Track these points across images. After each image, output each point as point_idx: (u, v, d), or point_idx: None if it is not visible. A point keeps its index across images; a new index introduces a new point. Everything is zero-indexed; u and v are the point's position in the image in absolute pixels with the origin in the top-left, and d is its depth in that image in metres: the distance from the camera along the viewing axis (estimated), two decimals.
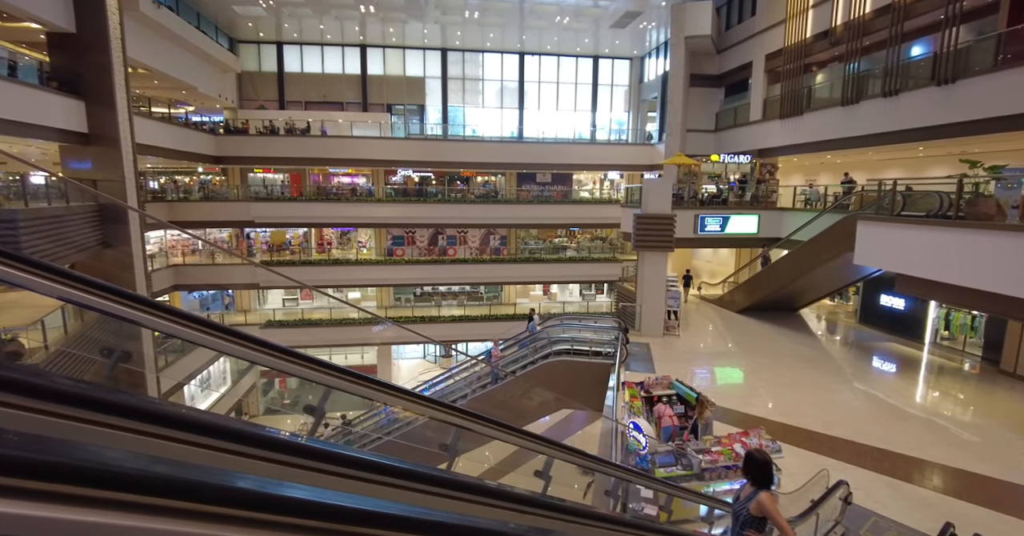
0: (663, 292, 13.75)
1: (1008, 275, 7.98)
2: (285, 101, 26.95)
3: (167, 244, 24.04)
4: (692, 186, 17.76)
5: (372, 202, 24.53)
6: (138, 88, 20.31)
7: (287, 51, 26.53)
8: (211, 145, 23.06)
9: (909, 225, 9.99)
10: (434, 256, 26.18)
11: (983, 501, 7.19)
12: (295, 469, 0.82)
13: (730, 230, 17.25)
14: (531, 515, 1.22)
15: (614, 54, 28.36)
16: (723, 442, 6.40)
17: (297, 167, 26.04)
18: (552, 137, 28.08)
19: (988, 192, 8.80)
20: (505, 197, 26.67)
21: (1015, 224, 8.09)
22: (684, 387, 7.58)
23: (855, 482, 7.46)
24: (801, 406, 10.01)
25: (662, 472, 5.98)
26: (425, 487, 0.96)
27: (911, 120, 13.18)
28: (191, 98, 23.46)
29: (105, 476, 0.54)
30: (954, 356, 13.31)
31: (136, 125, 16.30)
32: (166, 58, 19.19)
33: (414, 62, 27.43)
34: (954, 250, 8.95)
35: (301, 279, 23.03)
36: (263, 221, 23.55)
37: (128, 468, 0.57)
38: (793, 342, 14.22)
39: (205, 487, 0.59)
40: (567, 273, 26.17)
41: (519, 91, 28.35)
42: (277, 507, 0.63)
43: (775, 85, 18.67)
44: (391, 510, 0.76)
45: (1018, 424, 9.56)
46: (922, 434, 9.15)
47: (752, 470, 3.86)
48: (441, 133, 27.63)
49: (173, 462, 0.69)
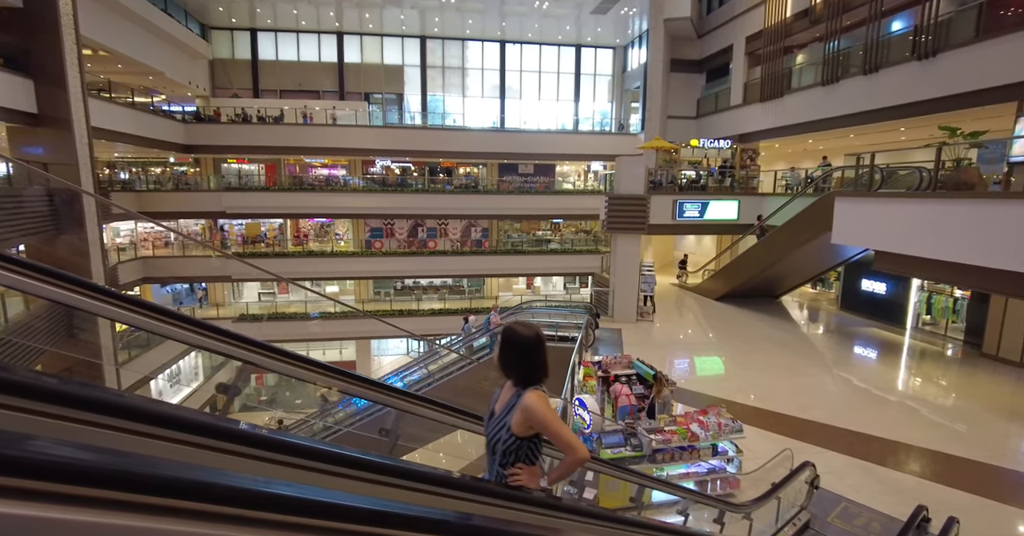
0: (636, 276, 13.24)
1: (990, 247, 7.53)
2: (260, 90, 26.24)
3: (139, 236, 23.32)
4: (671, 171, 17.27)
5: (349, 192, 23.88)
6: (100, 71, 19.60)
7: (261, 38, 25.82)
8: (180, 133, 22.35)
9: (887, 199, 9.55)
10: (414, 248, 25.58)
11: (964, 485, 6.72)
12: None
13: (709, 216, 16.77)
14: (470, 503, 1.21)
15: (597, 43, 27.86)
16: (678, 421, 5.88)
17: (271, 157, 25.34)
18: (534, 127, 27.53)
19: (968, 160, 8.35)
20: (486, 187, 26.10)
21: (997, 192, 7.64)
22: (644, 366, 7.07)
23: (828, 466, 6.98)
24: (774, 390, 9.53)
25: (609, 453, 5.45)
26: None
27: (892, 97, 12.77)
28: (160, 85, 22.71)
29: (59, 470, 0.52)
30: (936, 340, 12.90)
31: (95, 109, 15.60)
32: (128, 40, 18.47)
33: (392, 50, 26.80)
34: (933, 223, 8.49)
35: (276, 271, 22.32)
36: (235, 211, 22.86)
37: (78, 461, 0.55)
38: (770, 327, 13.77)
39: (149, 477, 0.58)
40: (550, 265, 25.63)
41: (500, 80, 27.80)
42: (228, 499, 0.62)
43: (756, 68, 18.24)
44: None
45: (1000, 406, 9.13)
46: (900, 417, 8.70)
47: (512, 359, 2.13)
48: (420, 122, 27.02)
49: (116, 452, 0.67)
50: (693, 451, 5.67)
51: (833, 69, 14.50)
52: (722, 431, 5.79)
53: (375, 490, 1.02)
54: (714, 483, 5.88)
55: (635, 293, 13.38)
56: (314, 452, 0.96)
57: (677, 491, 4.01)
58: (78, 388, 0.72)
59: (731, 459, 6.00)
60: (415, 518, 0.94)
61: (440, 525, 1.04)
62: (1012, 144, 9.59)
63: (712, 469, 5.86)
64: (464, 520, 1.30)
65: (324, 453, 0.97)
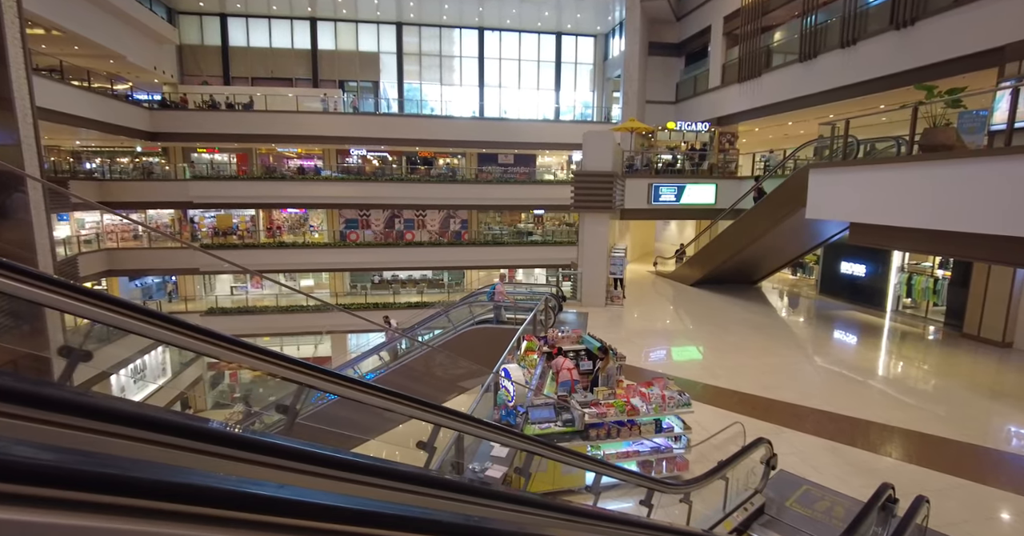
0: (605, 258, 12.61)
1: (971, 211, 6.98)
2: (230, 77, 25.44)
3: (105, 229, 22.49)
4: (646, 155, 16.70)
5: (322, 181, 23.15)
6: (57, 53, 18.78)
7: (232, 23, 25.04)
8: (144, 119, 21.53)
9: (861, 167, 8.99)
10: (391, 240, 24.86)
11: (941, 465, 6.15)
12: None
13: (686, 200, 16.22)
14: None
15: (578, 30, 27.28)
16: (618, 394, 5.24)
17: (243, 146, 24.57)
18: (515, 116, 26.89)
19: (947, 120, 7.78)
20: (465, 177, 25.42)
21: (978, 150, 7.10)
22: (593, 340, 6.44)
23: (792, 447, 6.39)
24: (741, 369, 8.93)
25: (536, 429, 4.81)
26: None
27: (870, 70, 12.26)
28: (123, 69, 21.89)
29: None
30: (916, 323, 12.37)
31: (49, 90, 14.89)
32: (84, 20, 17.69)
33: (367, 36, 26.09)
34: (911, 190, 7.94)
35: (248, 264, 21.60)
36: (203, 201, 22.06)
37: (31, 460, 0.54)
38: (745, 310, 13.19)
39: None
40: (530, 257, 24.97)
41: (479, 68, 27.15)
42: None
43: (733, 49, 17.70)
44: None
45: (979, 385, 8.59)
46: (874, 397, 8.12)
47: None
48: (397, 110, 26.32)
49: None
50: (633, 427, 5.04)
51: (811, 44, 13.98)
52: (667, 404, 5.16)
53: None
54: (659, 464, 5.25)
55: (604, 276, 12.75)
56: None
57: (585, 463, 3.37)
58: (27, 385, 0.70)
59: (678, 437, 5.37)
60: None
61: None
62: (993, 111, 9.11)
63: (657, 448, 5.22)
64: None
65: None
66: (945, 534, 4.93)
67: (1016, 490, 5.65)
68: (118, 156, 24.88)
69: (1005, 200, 6.51)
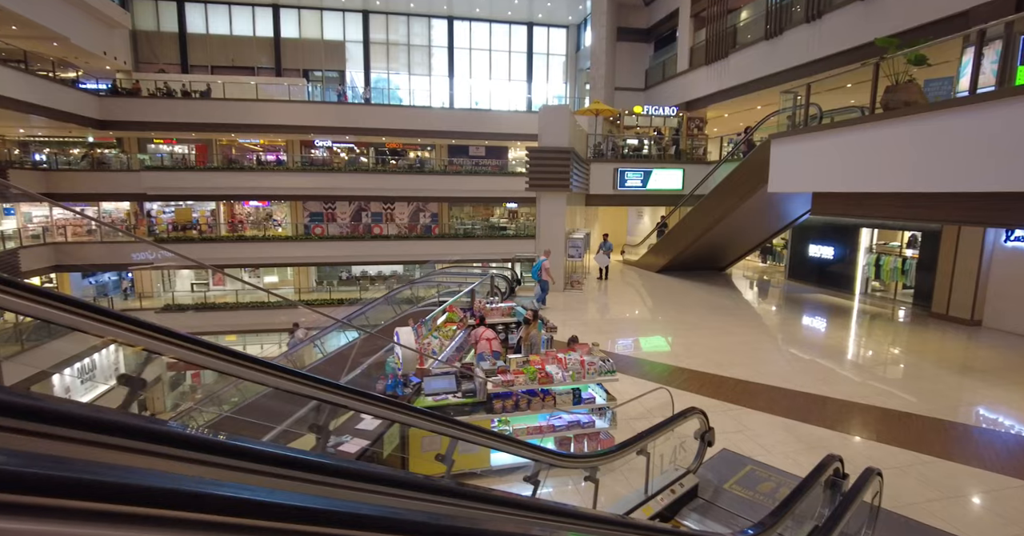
0: (562, 240, 11.97)
1: (940, 169, 6.48)
2: (189, 65, 24.48)
3: (54, 223, 21.36)
4: (612, 139, 16.12)
5: (285, 171, 22.23)
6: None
7: (189, 9, 24.09)
8: (93, 107, 20.47)
9: (823, 132, 8.47)
10: (357, 233, 23.99)
11: (902, 441, 5.56)
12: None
13: (653, 186, 15.69)
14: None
15: (549, 21, 26.76)
16: (531, 361, 4.56)
17: (202, 137, 23.55)
18: (486, 107, 26.24)
19: (910, 76, 7.27)
20: (434, 168, 24.67)
21: (942, 101, 6.59)
22: (523, 310, 5.75)
23: (740, 424, 5.76)
24: (696, 348, 8.32)
25: (430, 401, 4.11)
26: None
27: (836, 43, 11.83)
28: (70, 53, 20.82)
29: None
30: (886, 305, 11.90)
31: None
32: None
33: (333, 24, 25.30)
34: (875, 151, 7.43)
35: (208, 259, 20.58)
36: (158, 193, 21.05)
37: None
38: (708, 294, 12.62)
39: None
40: (501, 250, 24.20)
41: (449, 58, 26.49)
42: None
43: (701, 30, 17.25)
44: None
45: (945, 360, 8.06)
46: (834, 373, 7.55)
47: None
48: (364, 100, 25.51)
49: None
50: (547, 397, 4.36)
51: (776, 20, 13.55)
52: (586, 370, 4.48)
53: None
54: (579, 441, 4.57)
55: (562, 259, 12.10)
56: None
57: (454, 428, 2.68)
58: None
59: (601, 409, 4.69)
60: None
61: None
62: (959, 77, 8.68)
63: (576, 423, 4.54)
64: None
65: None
66: (902, 514, 4.32)
67: (985, 466, 5.08)
68: (69, 147, 23.76)
69: (973, 154, 5.99)
